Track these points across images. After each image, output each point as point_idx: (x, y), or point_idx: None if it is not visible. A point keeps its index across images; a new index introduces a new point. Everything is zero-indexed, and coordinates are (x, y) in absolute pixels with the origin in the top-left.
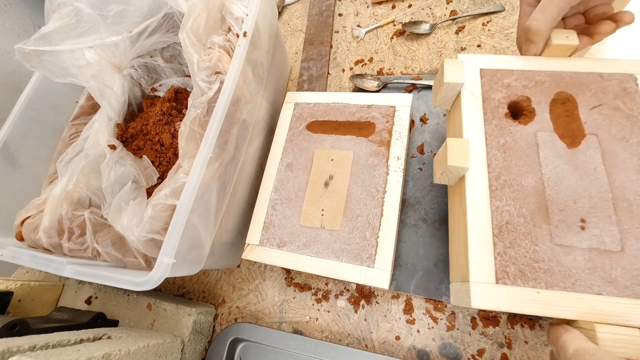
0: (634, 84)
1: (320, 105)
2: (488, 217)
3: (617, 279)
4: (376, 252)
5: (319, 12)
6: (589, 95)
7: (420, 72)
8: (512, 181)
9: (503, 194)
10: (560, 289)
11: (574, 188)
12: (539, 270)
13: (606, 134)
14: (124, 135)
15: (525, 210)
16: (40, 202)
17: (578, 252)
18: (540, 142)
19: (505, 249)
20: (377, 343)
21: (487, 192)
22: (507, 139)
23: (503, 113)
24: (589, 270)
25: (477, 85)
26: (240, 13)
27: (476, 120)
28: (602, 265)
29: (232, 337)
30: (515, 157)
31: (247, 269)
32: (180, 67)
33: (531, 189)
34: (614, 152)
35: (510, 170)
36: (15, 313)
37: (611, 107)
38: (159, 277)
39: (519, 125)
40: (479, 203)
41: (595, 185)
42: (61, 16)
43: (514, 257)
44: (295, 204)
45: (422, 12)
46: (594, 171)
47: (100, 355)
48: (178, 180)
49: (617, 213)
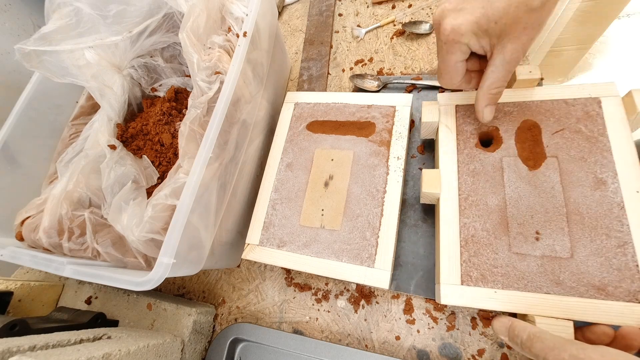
0: (597, 107)
1: (320, 105)
2: (457, 232)
3: (564, 280)
4: (376, 252)
5: (319, 12)
6: (553, 121)
7: (420, 72)
8: (478, 201)
9: (470, 212)
10: (514, 289)
11: (532, 205)
12: (497, 274)
13: (566, 155)
14: (124, 135)
15: (488, 225)
16: (40, 202)
17: (532, 259)
18: (505, 166)
19: (470, 257)
20: (377, 343)
21: (457, 211)
22: (477, 165)
23: (474, 143)
24: (540, 274)
25: (452, 120)
26: (240, 13)
27: (450, 150)
28: (552, 269)
29: (232, 337)
30: (483, 181)
31: (247, 269)
32: (180, 67)
33: (495, 207)
34: (572, 172)
35: (477, 192)
36: (15, 313)
37: (573, 130)
38: (159, 277)
39: (487, 153)
40: (449, 220)
41: (551, 201)
42: (61, 16)
43: (476, 264)
44: (295, 204)
45: (422, 12)
46: (551, 189)
47: (100, 355)
48: (178, 180)
49: (570, 225)
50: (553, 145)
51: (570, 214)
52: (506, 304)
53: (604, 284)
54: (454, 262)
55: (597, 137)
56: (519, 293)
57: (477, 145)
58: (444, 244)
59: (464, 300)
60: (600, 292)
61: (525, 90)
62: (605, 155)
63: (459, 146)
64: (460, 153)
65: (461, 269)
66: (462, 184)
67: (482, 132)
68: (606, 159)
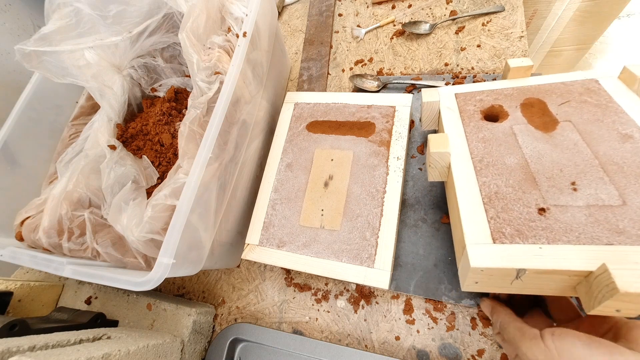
0: (596, 84)
1: (320, 105)
2: (477, 190)
3: (627, 229)
4: (376, 252)
5: (319, 12)
6: (556, 96)
7: (420, 72)
8: (495, 162)
9: (488, 172)
10: (564, 243)
11: (557, 160)
12: (537, 229)
13: (579, 119)
14: (124, 135)
15: (512, 182)
16: (40, 202)
17: (575, 209)
18: (517, 132)
19: (498, 214)
20: (377, 343)
21: (473, 172)
22: (486, 133)
23: (479, 118)
24: (592, 224)
25: (454, 103)
26: (240, 13)
27: (456, 124)
28: (606, 218)
29: (231, 337)
30: (495, 145)
31: (247, 269)
32: (180, 67)
33: (515, 165)
34: (591, 131)
35: (492, 154)
36: (15, 313)
37: (579, 101)
38: (158, 277)
39: (495, 124)
40: (466, 180)
41: (579, 156)
42: (61, 16)
43: (507, 220)
44: (295, 204)
45: (422, 12)
46: (574, 146)
47: (100, 355)
48: (178, 180)
49: (609, 175)
50: (563, 113)
51: (605, 165)
52: (560, 261)
53: None
54: (479, 219)
55: (606, 104)
56: (573, 247)
57: (483, 119)
58: (463, 204)
59: (503, 260)
60: None
61: (520, 79)
62: (621, 116)
63: (464, 121)
64: (466, 125)
65: (490, 226)
66: (474, 149)
67: (485, 110)
68: (624, 119)
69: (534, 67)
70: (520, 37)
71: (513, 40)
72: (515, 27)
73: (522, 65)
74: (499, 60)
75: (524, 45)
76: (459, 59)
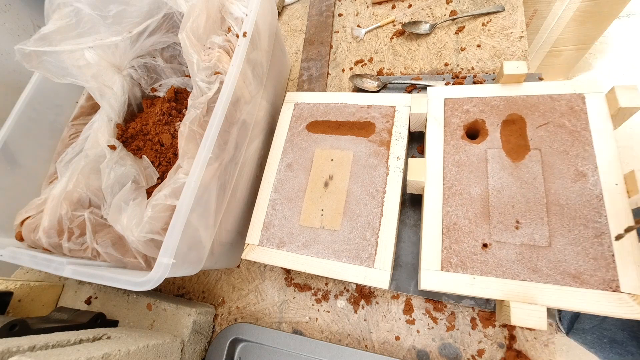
0: (581, 102)
1: (320, 105)
2: (439, 220)
3: (541, 268)
4: (376, 252)
5: (319, 12)
6: (538, 115)
7: (420, 72)
8: (462, 190)
9: (453, 201)
10: (492, 276)
11: (513, 195)
12: (476, 261)
13: (549, 148)
14: (124, 135)
15: (470, 214)
16: (40, 202)
17: (511, 247)
18: (489, 158)
19: (451, 244)
20: (377, 343)
21: (441, 200)
22: (462, 156)
23: (460, 135)
24: (518, 262)
25: (441, 112)
26: (240, 13)
27: (437, 141)
28: (530, 257)
29: (231, 337)
30: (467, 171)
31: (247, 269)
32: (180, 67)
33: (477, 196)
34: (554, 164)
35: (461, 182)
36: (15, 313)
37: (557, 124)
38: (158, 277)
39: (473, 145)
40: (433, 208)
41: (532, 192)
42: (61, 16)
43: (456, 251)
44: (295, 204)
45: (422, 12)
46: (533, 180)
47: (100, 355)
48: (178, 180)
49: (549, 215)
50: (537, 138)
51: (550, 205)
52: (484, 290)
53: (580, 272)
54: (435, 248)
55: (580, 131)
56: (497, 280)
57: (464, 137)
58: (426, 231)
59: (443, 285)
60: (576, 280)
61: (512, 85)
62: (586, 149)
63: (445, 137)
64: (446, 144)
65: (442, 255)
66: (447, 174)
67: (468, 124)
68: (587, 152)
69: (534, 67)
70: (520, 37)
71: (513, 40)
72: (515, 27)
73: (515, 72)
74: (499, 60)
75: (524, 45)
76: (459, 59)
